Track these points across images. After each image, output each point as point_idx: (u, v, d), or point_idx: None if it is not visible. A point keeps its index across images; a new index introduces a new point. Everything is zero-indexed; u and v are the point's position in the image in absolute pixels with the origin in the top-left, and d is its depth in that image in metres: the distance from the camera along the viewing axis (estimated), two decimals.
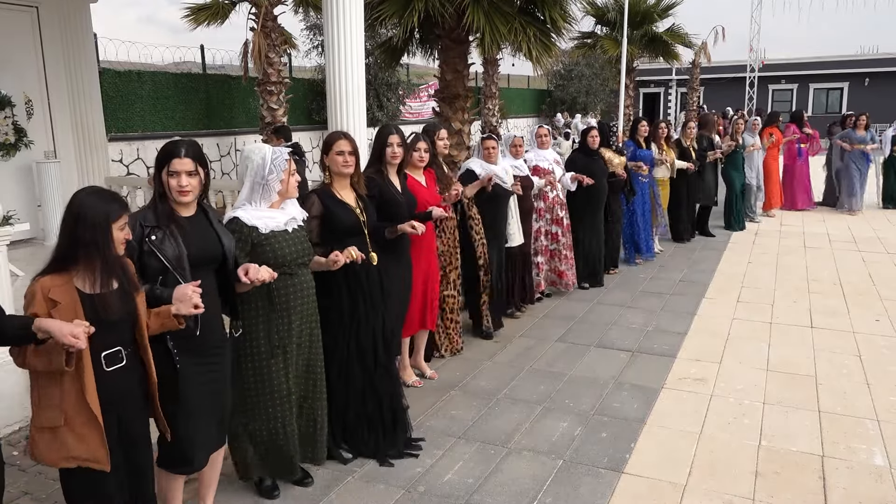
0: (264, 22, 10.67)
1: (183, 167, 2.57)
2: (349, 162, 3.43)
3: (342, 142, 3.44)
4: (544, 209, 6.25)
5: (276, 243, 2.97)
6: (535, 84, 27.73)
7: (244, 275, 2.65)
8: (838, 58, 29.51)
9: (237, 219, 2.93)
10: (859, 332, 5.45)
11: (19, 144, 7.33)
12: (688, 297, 6.46)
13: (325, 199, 3.44)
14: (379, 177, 3.91)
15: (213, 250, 2.70)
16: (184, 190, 2.58)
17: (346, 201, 3.47)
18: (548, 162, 6.25)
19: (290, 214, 3.05)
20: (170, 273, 2.53)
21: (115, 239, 2.25)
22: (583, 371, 4.74)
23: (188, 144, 2.62)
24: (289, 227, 3.03)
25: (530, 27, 9.41)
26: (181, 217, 2.64)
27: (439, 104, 10.44)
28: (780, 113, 11.61)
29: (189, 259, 2.57)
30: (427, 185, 4.37)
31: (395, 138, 3.91)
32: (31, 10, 7.54)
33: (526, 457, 3.60)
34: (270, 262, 2.88)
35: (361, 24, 4.94)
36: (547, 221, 6.28)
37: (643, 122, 7.87)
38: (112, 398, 2.29)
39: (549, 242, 6.33)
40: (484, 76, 15.88)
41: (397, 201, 3.92)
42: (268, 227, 2.95)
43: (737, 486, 3.28)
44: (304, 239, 3.10)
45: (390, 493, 3.27)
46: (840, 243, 8.76)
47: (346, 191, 3.51)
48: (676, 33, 19.62)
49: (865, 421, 3.95)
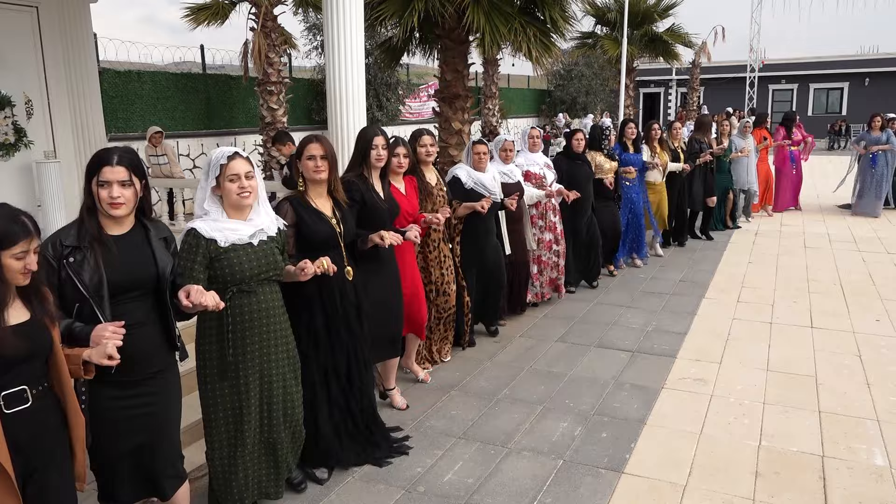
0: (264, 22, 10.67)
1: (115, 176, 2.29)
2: (321, 167, 3.18)
3: (313, 146, 3.19)
4: (536, 215, 5.97)
5: (235, 258, 2.70)
6: (535, 84, 27.72)
7: (185, 297, 2.33)
8: (838, 58, 29.52)
9: (194, 230, 2.67)
10: (859, 332, 5.45)
11: (19, 144, 7.32)
12: (688, 297, 6.46)
13: (297, 208, 3.20)
14: (361, 181, 3.68)
15: (143, 274, 2.38)
16: (115, 202, 2.29)
17: (322, 210, 3.24)
18: (539, 166, 5.96)
19: (258, 226, 2.78)
20: (86, 301, 2.23)
21: (5, 267, 1.95)
22: (583, 371, 4.74)
23: (122, 151, 2.35)
24: (255, 239, 2.76)
25: (530, 27, 9.41)
26: (108, 235, 2.34)
27: (439, 104, 10.44)
28: (766, 115, 11.34)
29: (113, 285, 2.28)
30: (406, 193, 4.16)
31: (380, 140, 3.71)
32: (31, 10, 7.54)
33: (526, 457, 3.60)
34: (227, 279, 2.68)
35: (361, 24, 4.94)
36: (539, 229, 6.00)
37: (631, 123, 7.57)
38: (19, 444, 2.01)
39: (543, 251, 6.04)
40: (484, 76, 15.91)
41: (380, 208, 3.70)
42: (228, 240, 2.69)
43: (737, 486, 3.28)
44: (273, 253, 2.81)
45: (390, 493, 3.27)
46: (840, 243, 8.76)
47: (322, 199, 3.27)
48: (676, 33, 19.64)
49: (865, 421, 3.95)
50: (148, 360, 2.43)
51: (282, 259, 2.89)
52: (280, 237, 2.91)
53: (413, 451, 3.67)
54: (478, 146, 5.00)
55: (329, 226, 3.24)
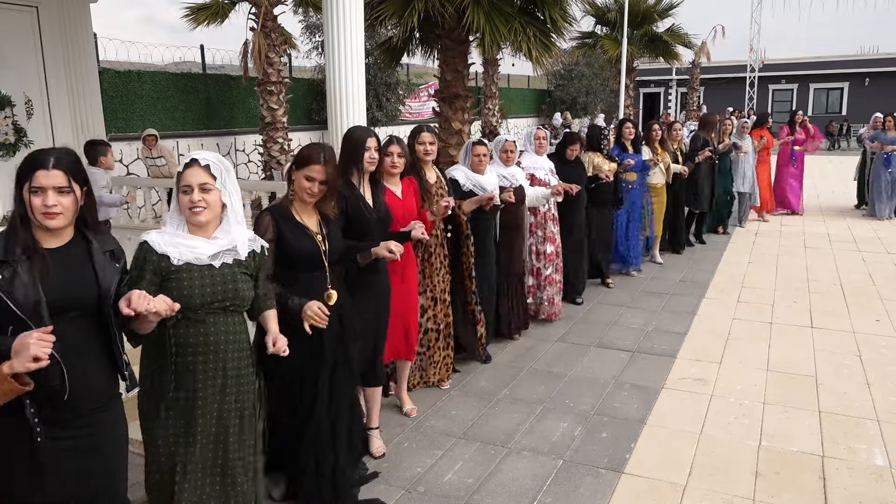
0: (264, 22, 10.68)
1: (50, 182, 1.97)
2: (315, 193, 2.85)
3: (316, 168, 2.81)
4: (535, 224, 5.54)
5: (185, 280, 2.28)
6: (535, 84, 27.73)
7: (125, 305, 1.95)
8: (838, 58, 29.55)
9: (146, 243, 2.31)
10: (859, 332, 5.45)
11: (19, 144, 7.33)
12: (688, 297, 6.46)
13: (279, 220, 2.86)
14: (347, 188, 3.32)
15: (80, 292, 2.05)
16: (50, 212, 1.98)
17: (306, 224, 2.90)
18: (544, 171, 5.55)
19: (223, 246, 2.36)
20: (23, 323, 1.91)
21: None
22: (583, 371, 4.74)
23: (60, 152, 2.06)
24: (217, 260, 2.34)
25: (530, 27, 9.41)
26: (42, 248, 2.02)
27: (439, 104, 10.45)
28: (770, 115, 11.09)
29: (46, 304, 1.97)
30: (404, 197, 3.79)
31: (371, 141, 3.35)
32: (31, 10, 7.54)
33: (526, 457, 3.60)
34: None
35: (361, 24, 4.93)
36: (538, 239, 5.57)
37: (628, 123, 7.23)
38: None
39: (544, 264, 5.60)
40: (484, 76, 15.92)
41: (365, 218, 3.33)
42: (182, 258, 2.30)
43: (737, 486, 3.28)
44: (235, 280, 2.37)
45: (390, 493, 3.27)
46: (840, 243, 8.76)
47: (308, 212, 2.94)
48: (676, 33, 19.66)
49: (865, 421, 3.94)
50: (86, 395, 2.06)
51: (249, 288, 2.44)
52: (254, 261, 2.47)
53: (413, 451, 3.67)
54: (477, 147, 4.71)
55: (313, 242, 2.89)
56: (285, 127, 11.39)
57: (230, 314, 2.41)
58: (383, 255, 3.17)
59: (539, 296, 5.67)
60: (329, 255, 2.93)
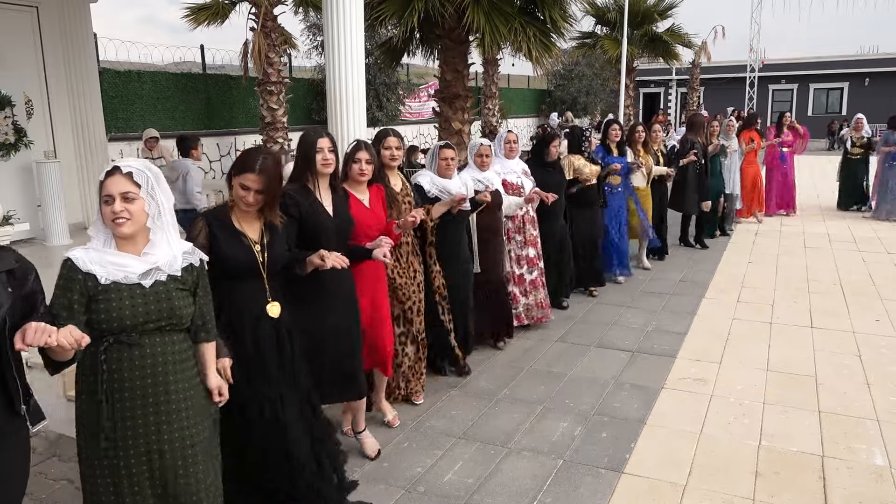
0: (264, 22, 10.68)
1: None
2: (252, 203, 2.65)
3: (250, 177, 2.62)
4: (513, 229, 5.35)
5: (113, 301, 2.11)
6: (535, 84, 27.73)
7: (20, 340, 1.80)
8: (838, 58, 29.56)
9: (70, 261, 2.13)
10: (859, 332, 5.45)
11: (19, 144, 7.33)
12: (688, 297, 6.46)
13: (213, 226, 2.67)
14: (302, 194, 3.13)
15: None
16: None
17: (245, 232, 2.71)
18: (516, 174, 5.34)
19: (154, 262, 2.18)
20: None
21: None
22: (583, 371, 4.74)
23: None
24: (148, 279, 2.16)
25: (530, 27, 9.42)
26: None
27: (439, 104, 10.46)
28: (756, 116, 10.72)
29: None
30: (371, 206, 3.59)
31: (324, 142, 3.14)
32: (31, 10, 7.55)
33: (526, 457, 3.60)
34: (103, 325, 2.12)
35: (361, 24, 4.94)
36: (518, 244, 5.38)
37: (615, 125, 6.92)
38: None
39: (527, 268, 5.42)
40: (484, 76, 15.92)
41: (323, 225, 3.13)
42: (110, 277, 2.12)
43: (737, 486, 3.28)
44: (170, 297, 2.19)
45: (390, 493, 3.27)
46: (840, 243, 8.76)
47: (250, 218, 2.74)
48: (676, 33, 19.68)
49: (865, 421, 3.95)
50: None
51: (188, 304, 2.26)
52: (191, 276, 2.29)
53: (413, 451, 3.67)
54: (444, 151, 4.46)
55: (248, 252, 2.69)
56: (285, 127, 11.39)
57: (168, 333, 2.22)
58: (318, 264, 2.90)
59: (526, 302, 5.47)
60: (269, 265, 2.73)
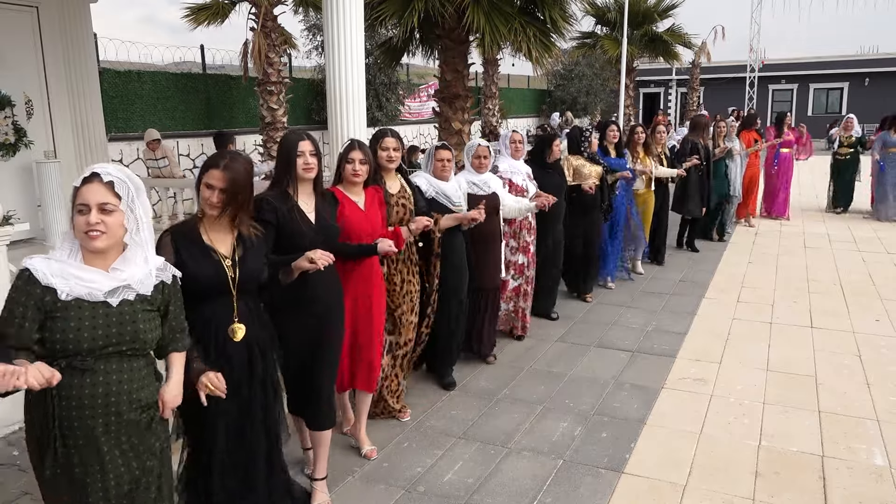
0: (264, 22, 10.68)
1: None
2: (215, 202, 2.45)
3: (215, 173, 2.45)
4: (509, 234, 5.13)
5: (71, 320, 1.92)
6: (536, 84, 27.74)
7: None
8: (838, 58, 29.54)
9: (27, 272, 1.93)
10: (859, 332, 5.45)
11: (19, 144, 7.33)
12: (688, 297, 6.46)
13: (179, 243, 2.47)
14: (282, 200, 2.94)
15: None
16: None
17: (215, 246, 2.51)
18: (522, 176, 5.16)
19: (122, 280, 2.01)
20: None
21: None
22: (583, 371, 4.74)
23: None
24: (115, 297, 1.99)
25: (530, 27, 9.42)
26: None
27: (439, 104, 10.46)
28: (755, 116, 10.51)
29: None
30: (367, 209, 3.41)
31: (306, 145, 2.95)
32: (31, 10, 7.54)
33: (526, 457, 3.60)
34: (57, 346, 1.92)
35: (361, 24, 4.94)
36: (512, 249, 5.19)
37: (613, 126, 6.68)
38: None
39: (513, 275, 5.21)
40: (484, 76, 15.93)
41: (301, 232, 2.94)
42: (72, 293, 1.93)
43: (737, 486, 3.28)
44: (136, 320, 2.02)
45: (390, 493, 3.27)
46: (840, 243, 8.76)
47: (220, 230, 2.54)
48: (676, 33, 19.68)
49: (865, 421, 3.95)
50: None
51: (154, 328, 2.10)
52: (162, 294, 2.14)
53: (413, 451, 3.67)
54: (440, 152, 4.27)
55: (216, 267, 2.48)
56: (285, 127, 11.38)
57: (129, 359, 2.04)
58: (305, 267, 2.71)
59: (505, 308, 5.27)
60: (239, 282, 2.52)
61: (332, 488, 3.30)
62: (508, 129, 5.32)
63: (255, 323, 2.61)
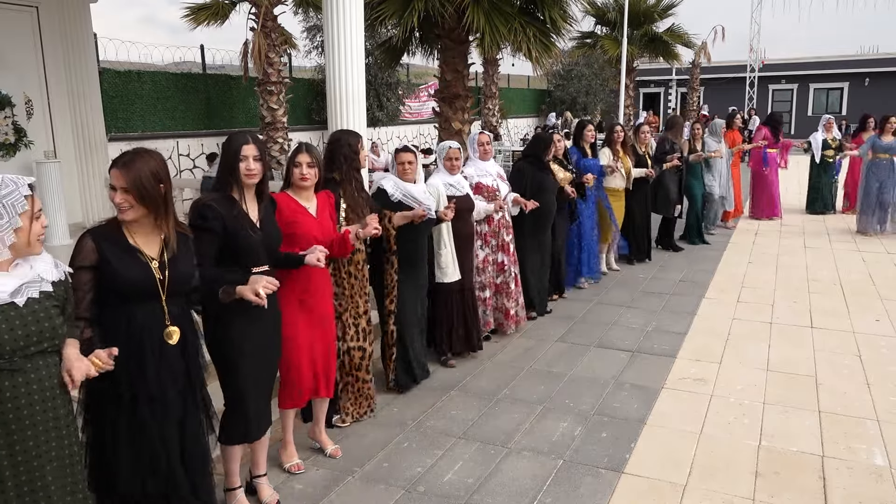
0: (264, 22, 10.68)
1: None
2: (122, 205, 2.34)
3: (113, 172, 2.33)
4: (489, 233, 5.18)
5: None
6: (535, 84, 27.75)
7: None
8: (838, 58, 29.54)
9: None
10: (859, 332, 5.45)
11: (19, 144, 7.34)
12: (688, 297, 6.46)
13: (102, 245, 2.35)
14: (224, 204, 2.81)
15: None
16: None
17: (141, 248, 2.41)
18: (491, 177, 5.17)
19: (25, 277, 2.02)
20: None
21: None
22: (583, 371, 4.74)
23: None
24: (20, 297, 1.99)
25: (530, 27, 9.43)
26: None
27: (439, 104, 10.47)
28: (735, 114, 10.31)
29: None
30: (318, 214, 3.33)
31: (249, 149, 2.81)
32: (31, 10, 7.54)
33: (526, 457, 3.60)
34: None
35: (361, 24, 4.95)
36: (493, 248, 5.21)
37: (590, 126, 6.76)
38: None
39: (496, 274, 5.26)
40: (484, 76, 15.95)
41: (246, 238, 2.82)
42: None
43: (737, 486, 3.28)
44: (49, 316, 2.04)
45: (390, 493, 3.27)
46: (840, 243, 8.76)
47: (146, 232, 2.44)
48: (676, 33, 19.69)
49: (865, 421, 3.95)
50: None
51: (63, 323, 2.10)
52: (63, 290, 2.14)
53: (413, 451, 3.67)
54: (401, 154, 4.21)
55: (144, 270, 2.39)
56: (285, 127, 11.40)
57: (51, 356, 2.07)
58: (249, 298, 2.62)
59: (492, 307, 5.30)
60: (170, 284, 2.43)
61: (331, 489, 3.31)
62: (476, 130, 5.31)
63: (187, 327, 2.55)
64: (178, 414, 2.53)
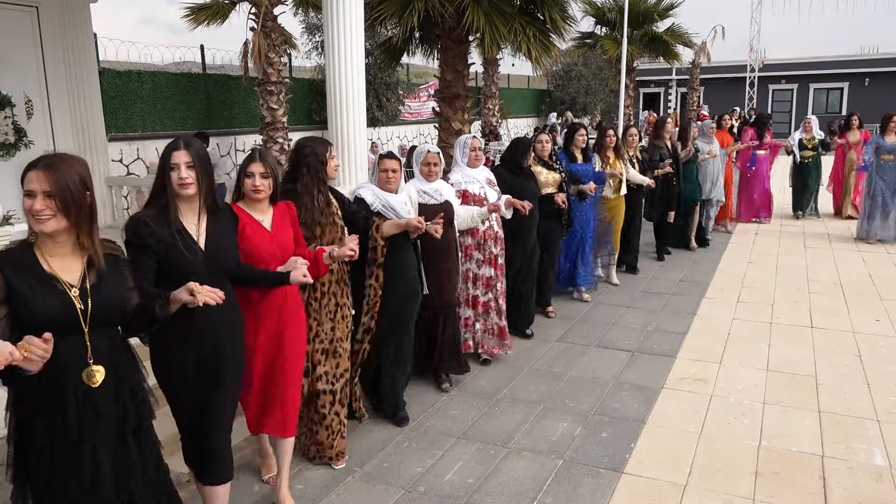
0: (264, 22, 10.68)
1: None
2: (41, 214, 2.00)
3: (31, 174, 2.02)
4: (472, 246, 4.72)
5: None
6: (535, 84, 27.75)
7: None
8: (838, 58, 29.53)
9: None
10: (859, 332, 5.45)
11: (19, 144, 7.34)
12: (688, 297, 6.46)
13: (9, 272, 2.01)
14: (159, 218, 2.46)
15: None
16: None
17: (56, 274, 2.05)
18: (479, 184, 4.73)
19: None
20: None
21: None
22: (583, 371, 4.74)
23: None
24: None
25: (530, 27, 9.42)
26: None
27: (439, 104, 10.47)
28: (724, 115, 9.97)
29: None
30: (274, 229, 2.96)
31: (180, 156, 2.44)
32: (31, 10, 7.54)
33: (526, 457, 3.60)
34: None
35: (361, 24, 4.94)
36: (477, 262, 4.74)
37: (582, 129, 6.29)
38: None
39: (482, 290, 4.79)
40: (484, 76, 15.95)
41: (185, 259, 2.46)
42: None
43: (737, 486, 3.28)
44: None
45: (390, 493, 3.27)
46: (840, 243, 8.76)
47: (65, 254, 2.09)
48: (676, 33, 19.66)
49: (865, 421, 3.95)
50: None
51: None
52: None
53: (413, 451, 3.67)
54: (385, 161, 3.82)
55: (60, 298, 2.02)
56: (285, 127, 11.39)
57: None
58: (185, 300, 2.17)
59: (479, 327, 4.85)
60: (93, 315, 2.06)
61: (331, 488, 3.31)
62: (469, 135, 4.94)
63: (120, 363, 2.16)
64: (111, 482, 2.12)
